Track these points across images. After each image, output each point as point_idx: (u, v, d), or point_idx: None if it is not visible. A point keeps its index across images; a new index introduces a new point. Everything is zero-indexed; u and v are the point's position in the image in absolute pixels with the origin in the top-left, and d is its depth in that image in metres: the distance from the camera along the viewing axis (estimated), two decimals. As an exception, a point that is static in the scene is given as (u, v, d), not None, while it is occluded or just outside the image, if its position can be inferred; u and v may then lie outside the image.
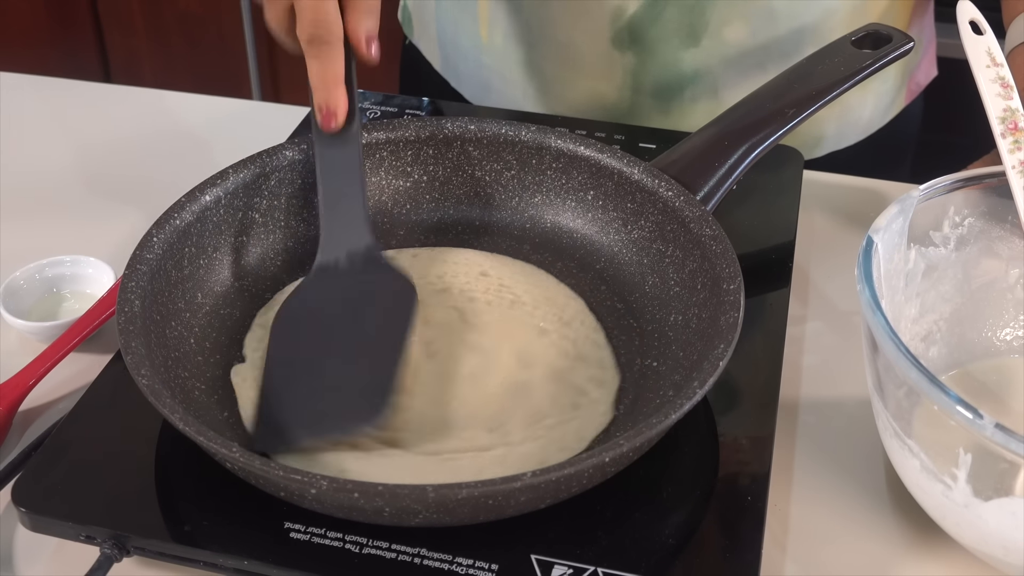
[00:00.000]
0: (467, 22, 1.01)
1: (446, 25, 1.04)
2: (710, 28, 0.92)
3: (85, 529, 0.60)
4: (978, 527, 0.58)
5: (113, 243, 0.84)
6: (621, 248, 0.75)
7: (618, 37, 0.93)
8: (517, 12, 0.97)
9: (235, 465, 0.57)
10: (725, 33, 0.92)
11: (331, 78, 0.69)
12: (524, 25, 0.97)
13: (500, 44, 0.99)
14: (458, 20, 1.02)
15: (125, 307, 0.64)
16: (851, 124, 1.00)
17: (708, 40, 0.92)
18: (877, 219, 0.66)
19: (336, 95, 0.70)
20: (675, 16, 0.91)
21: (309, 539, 0.59)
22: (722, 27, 0.92)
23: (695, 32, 0.92)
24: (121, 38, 2.12)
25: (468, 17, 1.00)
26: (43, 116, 1.01)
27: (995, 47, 0.71)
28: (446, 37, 1.04)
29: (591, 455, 0.56)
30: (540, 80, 0.99)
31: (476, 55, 1.01)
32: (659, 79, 0.95)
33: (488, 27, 0.99)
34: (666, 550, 0.60)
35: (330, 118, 0.70)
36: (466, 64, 1.03)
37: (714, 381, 0.60)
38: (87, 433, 0.65)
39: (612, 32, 0.93)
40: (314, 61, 0.69)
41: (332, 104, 0.70)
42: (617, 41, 0.93)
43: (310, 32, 0.69)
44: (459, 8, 1.01)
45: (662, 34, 0.92)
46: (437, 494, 0.55)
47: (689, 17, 0.91)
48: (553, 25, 0.95)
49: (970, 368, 0.71)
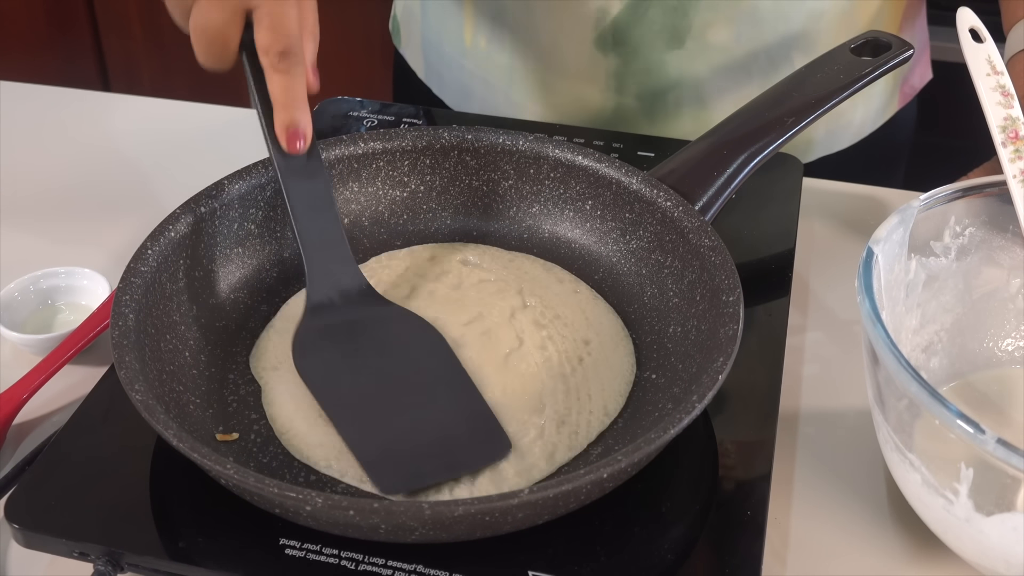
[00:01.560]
0: (452, 27, 1.01)
1: (430, 32, 1.04)
2: (693, 30, 0.91)
3: (79, 546, 0.59)
4: (979, 542, 0.58)
5: (108, 254, 0.83)
6: (619, 258, 0.75)
7: (601, 39, 0.93)
8: (501, 16, 0.97)
9: (229, 482, 0.57)
10: (709, 35, 0.91)
11: (298, 95, 0.66)
12: (508, 29, 0.97)
13: (483, 49, 0.99)
14: (443, 26, 1.02)
15: (119, 321, 0.63)
16: (842, 128, 1.00)
17: (692, 42, 0.92)
18: (877, 230, 0.65)
19: (303, 113, 0.66)
20: (658, 17, 0.91)
21: (305, 555, 0.58)
22: (706, 29, 0.91)
23: (678, 34, 0.91)
24: (119, 44, 2.12)
25: (453, 22, 1.00)
26: (39, 125, 1.00)
27: (995, 55, 0.70)
28: (430, 44, 1.04)
29: (589, 471, 0.55)
30: (523, 84, 0.99)
31: (459, 60, 1.01)
32: (643, 82, 0.95)
33: (472, 32, 0.99)
34: (665, 565, 0.60)
35: (297, 138, 0.66)
36: (449, 70, 1.03)
37: (713, 395, 0.59)
38: (81, 448, 0.64)
39: (595, 34, 0.93)
40: (281, 76, 0.65)
41: (301, 124, 0.66)
42: (600, 43, 0.93)
43: (283, 45, 0.65)
44: (445, 14, 1.01)
45: (645, 36, 0.92)
46: (433, 511, 0.54)
47: (672, 18, 0.91)
48: (536, 28, 0.95)
49: (971, 379, 0.70)
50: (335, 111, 0.92)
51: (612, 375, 0.68)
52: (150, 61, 2.12)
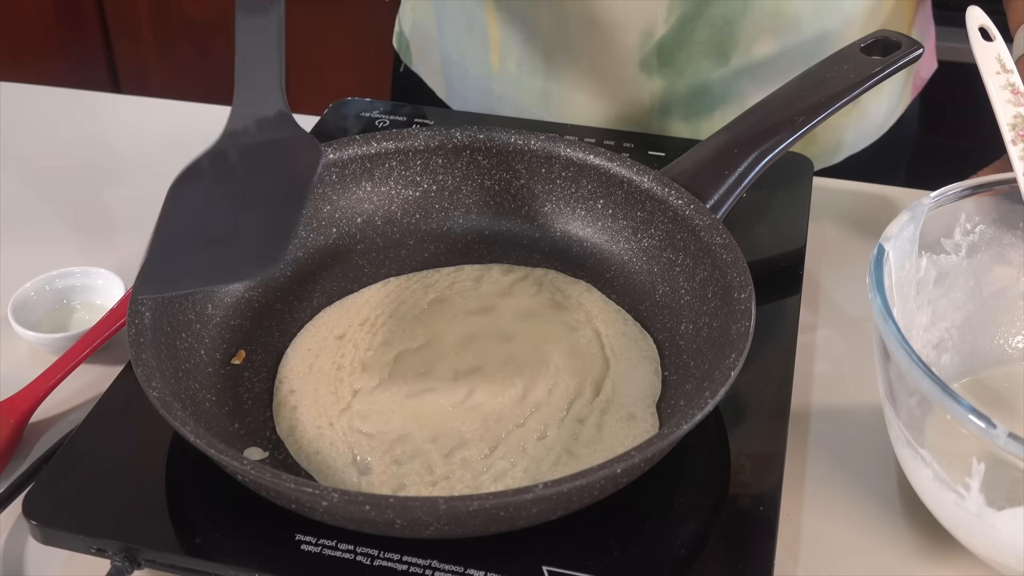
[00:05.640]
0: (476, 49, 0.98)
1: (451, 53, 1.01)
2: (740, 46, 0.90)
3: (96, 542, 0.60)
4: (991, 537, 0.58)
5: (123, 254, 0.84)
6: (631, 257, 0.75)
7: (646, 62, 0.91)
8: (532, 39, 0.94)
9: (246, 477, 0.57)
10: (754, 49, 0.90)
11: None
12: (541, 52, 0.94)
13: (513, 72, 0.97)
14: (465, 47, 0.99)
15: (135, 319, 0.64)
16: (868, 127, 0.99)
17: (737, 58, 0.91)
18: (888, 227, 0.65)
19: None
20: (704, 37, 0.89)
21: (320, 551, 0.59)
22: (751, 43, 0.90)
23: (724, 51, 0.90)
24: (130, 46, 2.13)
25: (477, 44, 0.98)
26: (50, 127, 1.01)
27: (1005, 53, 0.71)
28: (451, 65, 1.01)
29: (602, 466, 0.56)
30: (558, 108, 0.96)
31: (486, 84, 0.99)
32: (689, 102, 0.93)
33: (500, 55, 0.97)
34: (678, 561, 0.60)
35: None
36: (474, 94, 1.00)
37: (725, 391, 0.60)
38: (98, 445, 0.65)
39: (640, 57, 0.91)
40: None
41: None
42: (645, 65, 0.91)
43: None
44: (466, 35, 0.98)
45: (692, 55, 0.90)
46: (448, 506, 0.54)
47: (719, 36, 0.89)
48: (574, 51, 0.93)
49: (982, 376, 0.71)
50: (346, 112, 0.92)
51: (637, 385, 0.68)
52: (160, 63, 2.13)
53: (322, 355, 0.70)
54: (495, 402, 0.66)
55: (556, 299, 0.73)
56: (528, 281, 0.74)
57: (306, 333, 0.72)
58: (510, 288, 0.74)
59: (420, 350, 0.70)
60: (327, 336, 0.71)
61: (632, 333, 0.71)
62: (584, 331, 0.71)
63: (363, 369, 0.68)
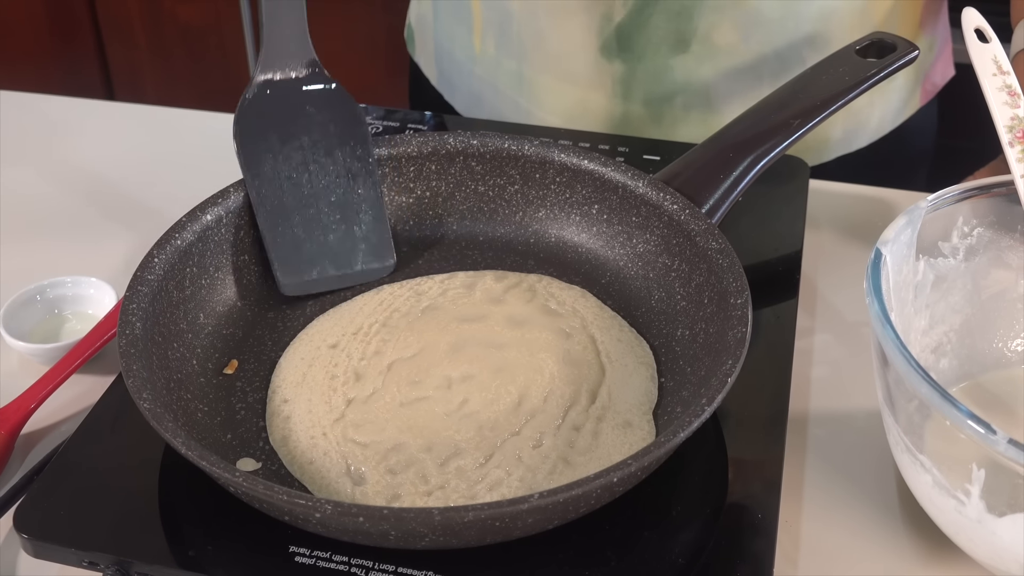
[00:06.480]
0: (462, 33, 1.01)
1: (443, 38, 1.04)
2: (699, 34, 0.91)
3: (88, 555, 0.59)
4: (992, 543, 0.58)
5: (115, 263, 0.83)
6: (626, 262, 0.75)
7: (606, 46, 0.93)
8: (508, 22, 0.97)
9: (239, 490, 0.57)
10: (715, 38, 0.91)
11: None
12: (515, 36, 0.97)
13: (492, 55, 0.99)
14: (454, 32, 1.02)
15: (126, 329, 0.63)
16: (859, 126, 0.99)
17: (697, 46, 0.92)
18: (885, 231, 0.65)
19: None
20: (662, 23, 0.91)
21: (315, 563, 0.58)
22: (711, 32, 0.91)
23: (684, 38, 0.91)
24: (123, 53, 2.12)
25: (463, 28, 1.01)
26: (43, 135, 1.00)
27: (1001, 54, 0.70)
28: (442, 50, 1.05)
29: (598, 475, 0.55)
30: (531, 91, 0.99)
31: (469, 67, 1.02)
32: (649, 87, 0.94)
33: (481, 37, 0.99)
34: (676, 570, 0.59)
35: None
36: (460, 77, 1.03)
37: (722, 398, 0.59)
38: (89, 457, 0.64)
39: (600, 41, 0.93)
40: None
41: None
42: (605, 50, 0.93)
43: None
44: (455, 20, 1.01)
45: (650, 41, 0.92)
46: (443, 517, 0.54)
47: (676, 23, 0.91)
48: (542, 36, 0.95)
49: (981, 380, 0.70)
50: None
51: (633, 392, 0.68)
52: (154, 70, 2.12)
53: (315, 364, 0.69)
54: (490, 410, 0.65)
55: (550, 305, 0.73)
56: (522, 287, 0.74)
57: (299, 342, 0.71)
58: (503, 295, 0.73)
59: (413, 358, 0.69)
60: (320, 345, 0.71)
61: (628, 339, 0.70)
62: (579, 337, 0.70)
63: (356, 378, 0.68)
